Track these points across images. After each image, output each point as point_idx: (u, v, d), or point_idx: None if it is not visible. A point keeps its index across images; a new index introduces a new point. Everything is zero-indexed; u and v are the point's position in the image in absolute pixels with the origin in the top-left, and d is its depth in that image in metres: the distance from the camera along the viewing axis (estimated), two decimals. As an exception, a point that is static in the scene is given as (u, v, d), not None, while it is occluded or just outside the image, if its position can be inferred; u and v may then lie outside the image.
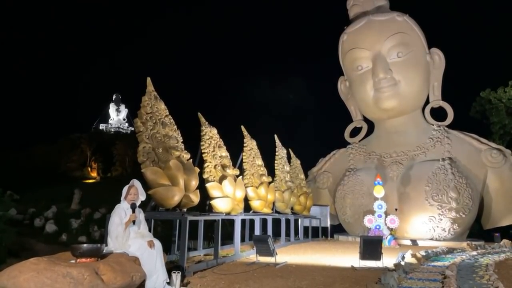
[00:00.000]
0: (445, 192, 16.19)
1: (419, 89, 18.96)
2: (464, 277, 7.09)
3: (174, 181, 8.09)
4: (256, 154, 13.21)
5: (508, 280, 6.96)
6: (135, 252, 5.53)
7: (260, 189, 12.47)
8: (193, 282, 6.62)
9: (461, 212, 16.04)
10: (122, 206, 5.84)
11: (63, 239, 21.17)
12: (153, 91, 8.80)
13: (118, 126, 61.48)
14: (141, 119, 8.25)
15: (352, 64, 19.57)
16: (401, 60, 18.26)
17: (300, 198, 16.60)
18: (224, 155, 10.74)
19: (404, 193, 17.20)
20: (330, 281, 6.89)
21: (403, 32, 18.40)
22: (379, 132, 20.72)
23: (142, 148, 7.91)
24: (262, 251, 9.19)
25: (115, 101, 65.43)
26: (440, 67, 19.28)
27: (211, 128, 10.60)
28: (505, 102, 23.32)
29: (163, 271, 5.72)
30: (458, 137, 18.38)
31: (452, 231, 16.22)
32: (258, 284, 6.64)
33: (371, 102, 19.19)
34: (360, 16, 19.72)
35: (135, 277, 5.07)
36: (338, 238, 18.61)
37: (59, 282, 4.34)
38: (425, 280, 6.63)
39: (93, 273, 4.57)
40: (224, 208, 9.88)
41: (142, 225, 6.02)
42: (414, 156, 18.38)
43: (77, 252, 4.93)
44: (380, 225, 15.41)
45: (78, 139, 44.28)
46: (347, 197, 18.59)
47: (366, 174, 18.44)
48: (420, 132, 19.17)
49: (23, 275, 4.34)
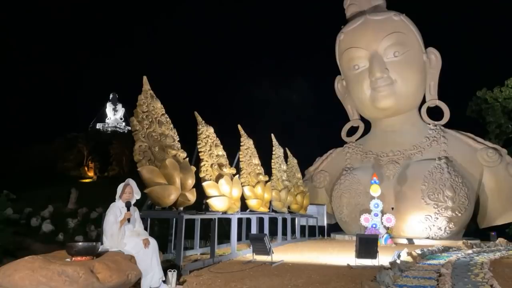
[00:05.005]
0: (441, 191, 16.25)
1: (415, 89, 19.02)
2: (459, 275, 7.11)
3: (170, 180, 8.09)
4: (253, 153, 13.22)
5: (503, 278, 7.00)
6: (131, 250, 5.54)
7: (257, 188, 12.49)
8: (189, 281, 6.62)
9: (457, 211, 16.11)
10: (117, 205, 5.85)
11: (59, 239, 21.13)
12: (149, 90, 8.80)
13: (115, 126, 61.31)
14: (137, 118, 8.25)
15: (348, 63, 19.61)
16: (398, 60, 18.32)
17: (297, 197, 16.63)
18: (221, 154, 10.74)
19: (401, 192, 17.26)
20: (326, 279, 6.91)
21: (399, 32, 18.46)
22: (376, 131, 20.78)
23: (138, 147, 7.92)
24: (258, 250, 9.20)
25: (112, 100, 65.21)
26: (436, 66, 19.34)
27: (208, 127, 10.60)
28: (501, 102, 23.38)
29: (159, 269, 5.73)
30: (454, 136, 18.45)
31: (448, 230, 16.29)
32: (254, 282, 6.65)
33: (367, 101, 19.24)
34: (357, 15, 19.76)
35: (130, 276, 5.08)
36: (335, 237, 18.64)
37: (54, 280, 4.35)
38: (420, 278, 6.65)
39: (88, 272, 4.57)
40: (220, 207, 9.89)
41: (137, 224, 6.03)
42: (410, 155, 18.44)
43: (73, 251, 4.94)
44: (376, 224, 15.47)
45: (75, 138, 44.07)
46: (344, 196, 18.63)
47: (363, 173, 18.48)
48: (416, 132, 19.23)
49: (18, 273, 4.34)
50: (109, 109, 64.43)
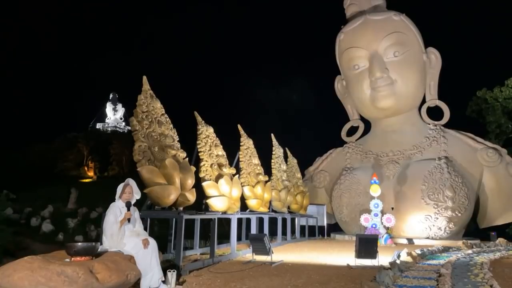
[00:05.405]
0: (441, 191, 16.25)
1: (415, 89, 19.02)
2: (459, 275, 7.11)
3: (170, 180, 8.09)
4: (253, 153, 13.22)
5: (503, 279, 6.99)
6: (130, 250, 5.53)
7: (257, 188, 12.49)
8: (189, 281, 6.62)
9: (457, 211, 16.10)
10: (117, 205, 5.85)
11: (59, 239, 21.10)
12: (149, 90, 8.80)
13: (115, 126, 61.31)
14: (137, 117, 8.24)
15: (348, 63, 19.61)
16: (398, 60, 18.32)
17: (297, 197, 16.63)
18: (221, 154, 10.74)
19: (400, 192, 17.25)
20: (326, 280, 6.91)
21: (399, 32, 18.46)
22: (376, 131, 20.77)
23: (138, 147, 7.91)
24: (258, 250, 9.20)
25: (112, 100, 65.22)
26: (436, 66, 19.34)
27: (208, 127, 10.60)
28: (501, 102, 23.36)
29: (159, 269, 5.72)
30: (454, 136, 18.45)
31: (448, 230, 16.29)
32: (254, 282, 6.64)
33: (367, 101, 19.24)
34: (357, 15, 19.76)
35: (130, 276, 5.07)
36: (335, 237, 18.64)
37: (53, 281, 4.34)
38: (420, 278, 6.64)
39: (87, 272, 4.56)
40: (220, 207, 9.89)
41: (137, 224, 6.03)
42: (410, 155, 18.44)
43: (72, 251, 4.93)
44: (376, 224, 15.47)
45: (75, 138, 44.09)
46: (344, 196, 18.63)
47: (363, 173, 18.48)
48: (416, 131, 19.23)
49: (18, 274, 4.33)
50: (109, 109, 64.43)
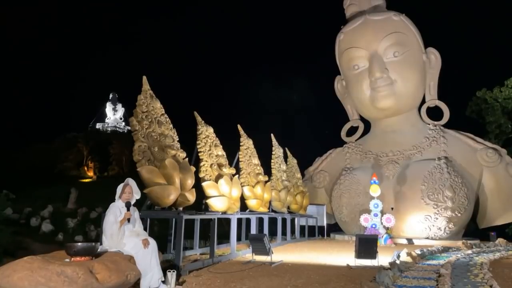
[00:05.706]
0: (440, 191, 16.25)
1: (415, 89, 19.03)
2: (459, 275, 7.11)
3: (170, 180, 8.08)
4: (253, 153, 13.22)
5: (502, 279, 7.00)
6: (130, 250, 5.54)
7: (257, 188, 12.48)
8: (188, 281, 6.62)
9: (456, 211, 16.11)
10: (117, 205, 5.85)
11: (59, 239, 21.08)
12: (149, 90, 8.79)
13: (115, 126, 61.23)
14: (137, 118, 8.24)
15: (348, 63, 19.63)
16: (397, 60, 18.33)
17: (297, 197, 16.62)
18: (221, 154, 10.74)
19: (400, 192, 17.26)
20: (326, 280, 6.91)
21: (399, 32, 18.48)
22: (376, 131, 20.78)
23: (137, 147, 7.91)
24: (258, 250, 9.20)
25: (111, 100, 65.13)
26: (436, 66, 19.36)
27: (207, 127, 10.59)
28: (501, 102, 23.37)
29: (158, 269, 5.72)
30: (454, 137, 18.46)
31: (447, 230, 16.29)
32: (253, 283, 6.64)
33: (367, 101, 19.26)
34: (356, 15, 19.77)
35: (129, 276, 5.07)
36: (335, 237, 18.64)
37: (53, 281, 4.34)
38: (419, 278, 6.65)
39: (87, 272, 4.56)
40: (220, 207, 9.88)
41: (137, 224, 6.03)
42: (410, 155, 18.44)
43: (72, 251, 4.93)
44: (376, 224, 15.47)
45: (75, 138, 44.05)
46: (344, 196, 18.63)
47: (363, 173, 18.48)
48: (416, 132, 19.24)
49: (17, 274, 4.32)
50: (108, 109, 64.35)
